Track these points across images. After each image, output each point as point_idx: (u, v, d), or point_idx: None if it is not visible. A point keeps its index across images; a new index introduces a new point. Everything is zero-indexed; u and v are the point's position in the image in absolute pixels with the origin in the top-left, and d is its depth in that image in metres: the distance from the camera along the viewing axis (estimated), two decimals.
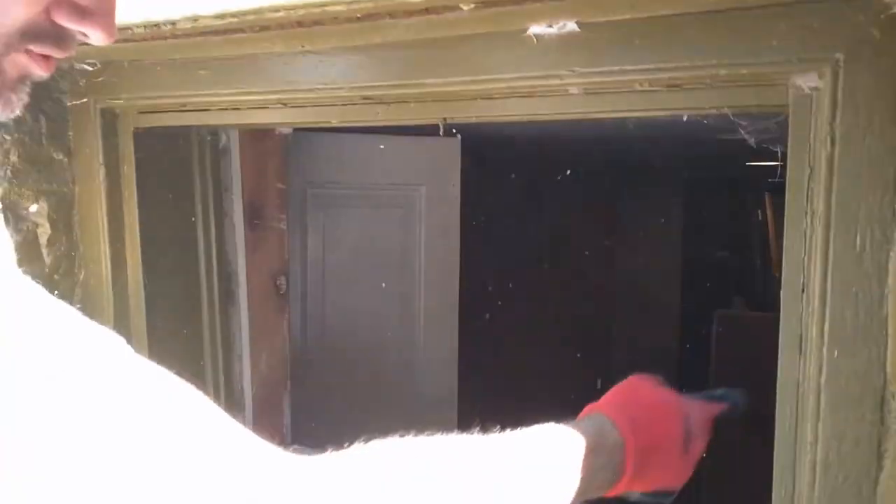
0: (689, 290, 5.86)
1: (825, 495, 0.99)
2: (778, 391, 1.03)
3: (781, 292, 1.01)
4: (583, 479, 0.83)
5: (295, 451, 0.64)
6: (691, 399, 1.05)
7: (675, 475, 0.97)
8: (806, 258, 0.97)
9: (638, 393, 1.00)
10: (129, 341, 1.57)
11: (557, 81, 1.06)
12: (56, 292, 1.47)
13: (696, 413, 1.02)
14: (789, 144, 0.98)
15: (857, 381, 0.95)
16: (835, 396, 0.97)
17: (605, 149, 4.20)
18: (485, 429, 0.80)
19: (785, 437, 1.03)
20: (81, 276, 1.54)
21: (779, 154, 1.08)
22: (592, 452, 0.86)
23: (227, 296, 1.76)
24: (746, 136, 1.08)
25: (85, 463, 0.51)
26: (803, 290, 0.98)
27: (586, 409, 0.97)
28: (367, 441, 0.73)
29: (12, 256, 1.41)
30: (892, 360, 0.93)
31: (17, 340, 0.51)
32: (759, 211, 6.98)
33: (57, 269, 1.50)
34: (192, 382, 1.15)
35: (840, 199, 0.93)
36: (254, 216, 1.80)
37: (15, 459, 0.49)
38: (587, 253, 5.44)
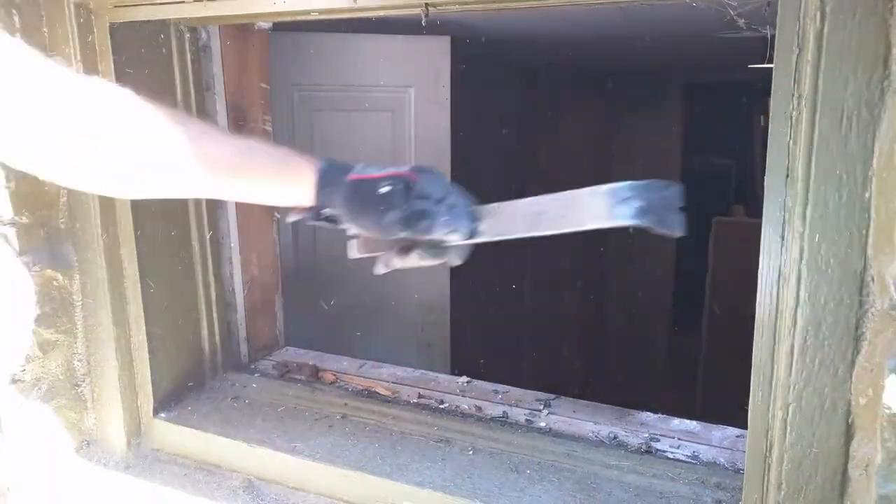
0: (688, 197, 5.83)
1: (801, 378, 1.00)
2: (759, 278, 1.03)
3: (765, 179, 1.00)
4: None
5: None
6: None
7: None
8: (791, 142, 0.96)
9: None
10: (118, 243, 1.55)
11: None
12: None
13: None
14: (778, 24, 0.95)
15: (838, 266, 0.95)
16: (815, 281, 0.97)
17: (601, 52, 4.11)
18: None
19: (765, 323, 1.03)
20: None
21: (768, 38, 1.05)
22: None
23: None
24: (736, 18, 1.04)
25: None
26: (787, 176, 0.97)
27: None
28: None
29: None
30: (873, 243, 0.92)
31: None
32: (761, 117, 6.89)
33: None
34: (183, 284, 1.15)
35: (828, 78, 0.90)
36: (238, 117, 1.77)
37: None
38: (583, 158, 5.39)
